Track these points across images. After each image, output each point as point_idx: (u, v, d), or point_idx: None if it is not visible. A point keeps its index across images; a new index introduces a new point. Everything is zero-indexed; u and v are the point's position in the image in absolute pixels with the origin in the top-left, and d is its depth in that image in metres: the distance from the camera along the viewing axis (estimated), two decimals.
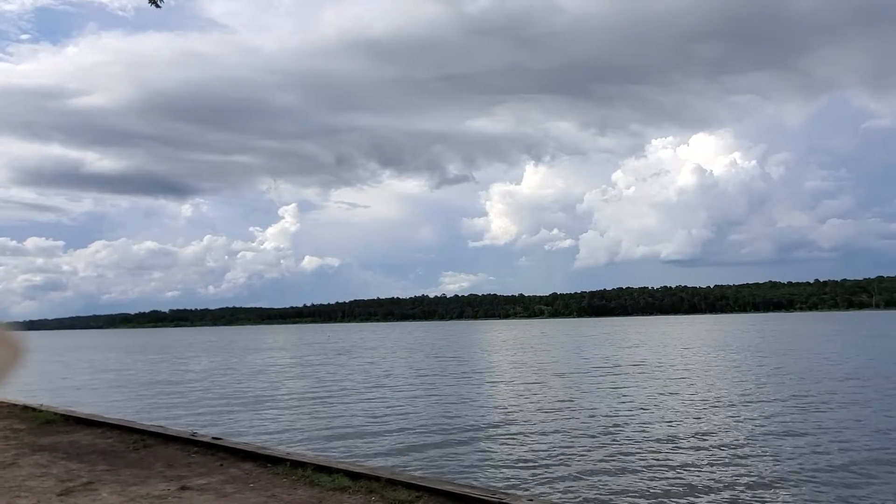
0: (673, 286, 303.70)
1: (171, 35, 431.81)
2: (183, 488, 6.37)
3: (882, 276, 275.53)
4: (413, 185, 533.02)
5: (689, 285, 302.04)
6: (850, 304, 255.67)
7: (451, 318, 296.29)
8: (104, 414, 12.67)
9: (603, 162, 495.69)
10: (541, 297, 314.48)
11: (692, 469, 10.39)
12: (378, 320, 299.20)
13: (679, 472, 10.19)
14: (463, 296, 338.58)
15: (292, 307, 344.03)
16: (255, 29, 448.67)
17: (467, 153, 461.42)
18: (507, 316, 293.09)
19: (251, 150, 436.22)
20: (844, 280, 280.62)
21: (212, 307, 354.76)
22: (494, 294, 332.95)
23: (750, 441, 12.37)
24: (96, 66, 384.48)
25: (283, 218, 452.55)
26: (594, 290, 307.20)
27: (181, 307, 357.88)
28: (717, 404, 17.18)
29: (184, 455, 7.90)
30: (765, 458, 11.03)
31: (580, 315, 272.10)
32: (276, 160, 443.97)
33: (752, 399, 17.98)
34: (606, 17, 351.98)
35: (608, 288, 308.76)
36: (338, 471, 6.77)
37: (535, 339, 66.79)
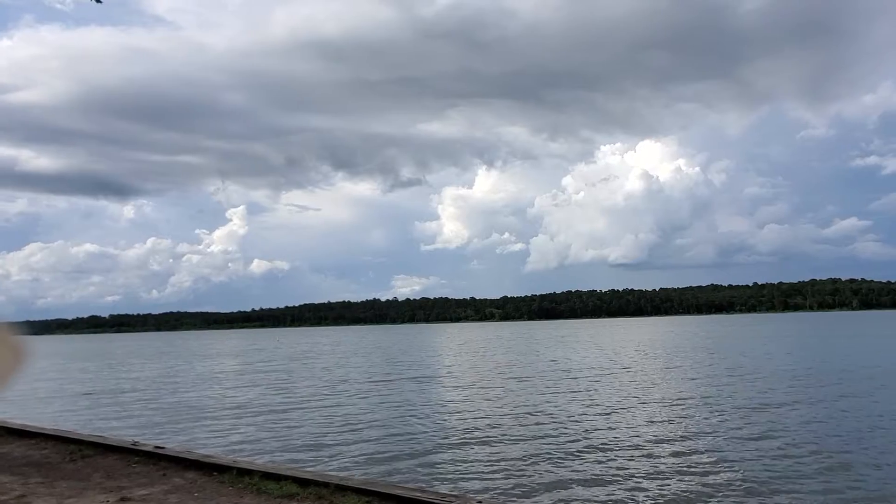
0: (620, 289, 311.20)
1: (113, 30, 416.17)
2: (123, 500, 6.15)
3: (815, 280, 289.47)
4: (365, 188, 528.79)
5: (635, 288, 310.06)
6: (786, 306, 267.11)
7: (403, 322, 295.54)
8: (39, 424, 12.12)
9: (554, 167, 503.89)
10: (492, 301, 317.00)
11: (647, 474, 10.66)
12: (329, 324, 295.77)
13: (635, 479, 10.44)
14: (415, 299, 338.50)
15: (240, 312, 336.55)
16: (202, 26, 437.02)
17: (420, 156, 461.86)
18: (458, 319, 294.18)
19: (198, 151, 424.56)
20: (781, 283, 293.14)
21: (155, 312, 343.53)
22: (446, 297, 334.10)
23: (700, 443, 12.78)
24: (32, 60, 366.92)
25: (231, 220, 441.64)
26: (544, 293, 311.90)
27: (122, 312, 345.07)
28: (668, 407, 17.67)
29: (124, 465, 7.63)
30: (715, 461, 11.41)
31: (530, 318, 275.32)
32: (224, 161, 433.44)
33: (699, 401, 18.57)
34: (558, 23, 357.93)
35: (558, 291, 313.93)
36: (286, 478, 6.67)
37: (486, 342, 67.27)
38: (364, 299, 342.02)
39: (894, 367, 26.63)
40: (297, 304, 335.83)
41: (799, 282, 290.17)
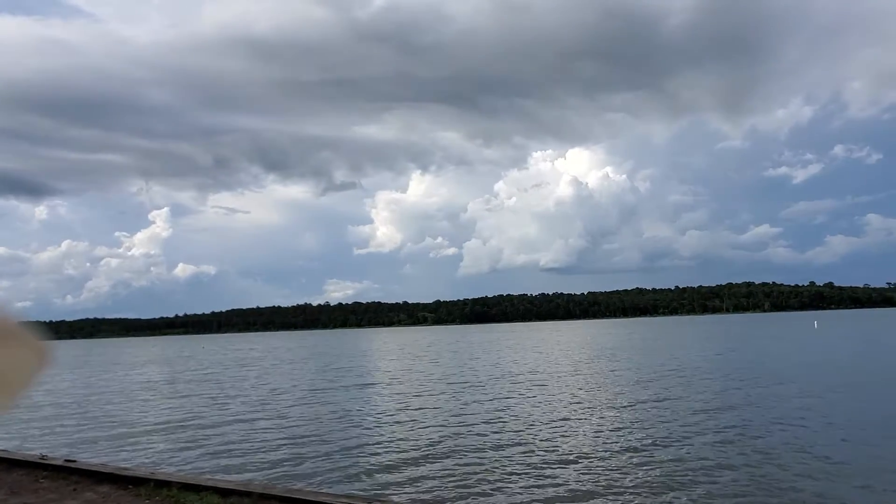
0: (550, 293, 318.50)
1: (27, 20, 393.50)
2: None
3: (731, 283, 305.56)
4: (298, 191, 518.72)
5: (565, 292, 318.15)
6: (705, 309, 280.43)
7: (335, 327, 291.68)
8: None
9: (487, 172, 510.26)
10: (425, 305, 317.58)
11: (573, 478, 10.95)
12: (258, 330, 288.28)
13: (560, 481, 10.70)
14: (347, 304, 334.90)
15: (162, 318, 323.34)
16: (125, 19, 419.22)
17: (355, 160, 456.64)
18: (391, 324, 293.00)
19: (119, 149, 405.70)
20: (700, 286, 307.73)
21: (70, 319, 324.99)
22: (379, 302, 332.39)
23: (627, 446, 13.23)
24: None
25: (153, 223, 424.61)
26: (476, 297, 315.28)
27: (33, 318, 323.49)
28: (594, 409, 18.19)
29: (31, 480, 7.22)
30: (644, 462, 11.85)
31: (463, 322, 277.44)
32: (147, 160, 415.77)
33: (625, 402, 19.22)
34: (493, 30, 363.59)
35: (489, 295, 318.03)
36: (206, 488, 6.50)
37: (420, 346, 67.28)
38: (295, 304, 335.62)
39: (806, 364, 28.45)
40: (224, 310, 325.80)
41: (717, 285, 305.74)
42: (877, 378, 22.62)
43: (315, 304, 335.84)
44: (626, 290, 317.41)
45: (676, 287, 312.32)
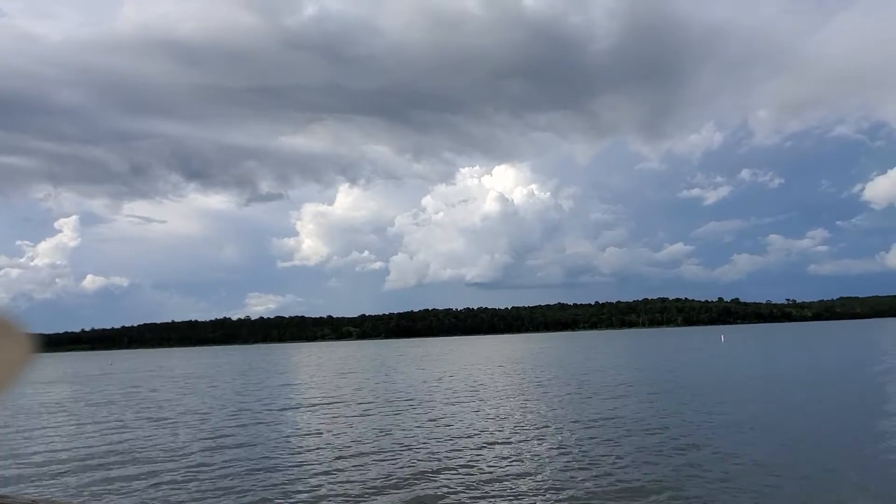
0: (475, 308, 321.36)
1: None
2: None
3: (647, 299, 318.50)
4: (220, 201, 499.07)
5: (489, 307, 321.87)
6: (623, 323, 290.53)
7: (256, 342, 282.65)
8: None
9: (415, 187, 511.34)
10: (350, 319, 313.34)
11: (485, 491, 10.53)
12: (173, 346, 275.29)
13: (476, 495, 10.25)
14: (269, 318, 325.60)
15: (68, 333, 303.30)
16: (36, 15, 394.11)
17: (281, 170, 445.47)
18: (315, 338, 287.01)
19: (25, 152, 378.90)
20: (619, 302, 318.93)
21: None
22: (302, 316, 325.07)
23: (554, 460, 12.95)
24: None
25: (60, 231, 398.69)
26: (402, 311, 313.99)
27: None
28: (520, 426, 17.92)
29: None
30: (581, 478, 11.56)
31: (388, 336, 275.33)
32: (56, 165, 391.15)
33: (553, 417, 19.07)
34: (425, 45, 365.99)
35: (415, 309, 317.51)
36: None
37: (342, 362, 65.77)
38: (213, 318, 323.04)
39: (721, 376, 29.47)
40: (135, 325, 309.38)
41: (634, 301, 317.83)
42: (773, 390, 23.63)
43: (235, 318, 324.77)
44: (548, 305, 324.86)
45: (596, 302, 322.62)
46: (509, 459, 12.75)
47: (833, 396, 21.19)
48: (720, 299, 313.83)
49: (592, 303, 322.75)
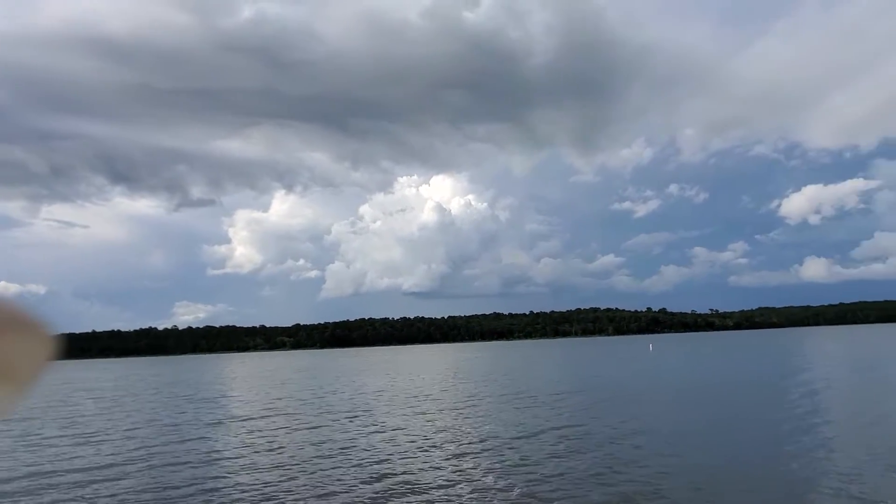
0: (412, 317, 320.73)
1: None
2: None
3: (580, 309, 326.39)
4: (147, 206, 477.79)
5: (426, 316, 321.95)
6: (557, 333, 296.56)
7: (184, 353, 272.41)
8: None
9: (353, 195, 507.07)
10: (283, 329, 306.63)
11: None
12: (94, 357, 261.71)
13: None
14: (198, 328, 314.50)
15: None
16: None
17: (214, 175, 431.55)
18: (246, 349, 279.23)
19: None
20: (553, 311, 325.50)
21: None
22: (234, 326, 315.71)
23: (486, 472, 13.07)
24: None
25: None
26: (338, 321, 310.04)
27: None
28: (451, 435, 17.99)
29: None
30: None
31: (323, 346, 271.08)
32: None
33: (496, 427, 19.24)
34: (365, 53, 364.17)
35: (351, 319, 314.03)
36: None
37: (274, 373, 64.28)
38: (138, 328, 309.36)
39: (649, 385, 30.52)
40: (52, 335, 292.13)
41: (567, 311, 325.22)
42: (695, 396, 24.73)
43: (161, 328, 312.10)
44: (484, 315, 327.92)
45: (531, 312, 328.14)
46: (449, 470, 12.87)
47: (750, 403, 22.38)
48: (649, 309, 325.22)
49: (527, 312, 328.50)
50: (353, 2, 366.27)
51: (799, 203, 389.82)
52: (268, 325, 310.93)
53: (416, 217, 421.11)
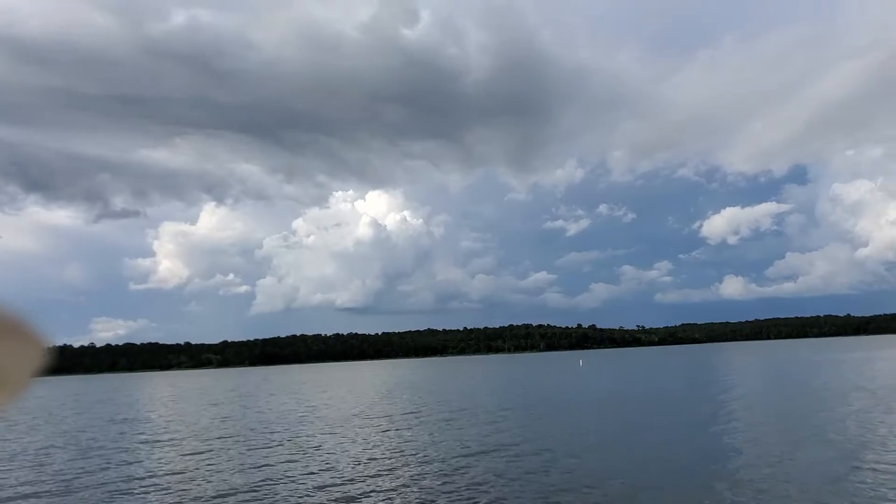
0: (345, 333, 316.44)
1: None
2: None
3: (513, 325, 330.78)
4: (64, 216, 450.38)
5: (360, 332, 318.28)
6: (490, 349, 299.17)
7: (101, 371, 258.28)
8: None
9: (287, 209, 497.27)
10: (210, 346, 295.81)
11: None
12: None
13: None
14: (118, 345, 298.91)
15: None
16: None
17: (138, 186, 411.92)
18: (169, 367, 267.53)
19: None
20: (486, 328, 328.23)
21: None
22: (156, 343, 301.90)
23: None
24: None
25: None
26: (268, 337, 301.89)
27: None
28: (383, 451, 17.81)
29: None
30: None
31: (252, 364, 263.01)
32: None
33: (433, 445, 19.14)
34: (301, 64, 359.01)
35: (282, 335, 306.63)
36: None
37: (199, 392, 61.88)
38: (51, 346, 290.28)
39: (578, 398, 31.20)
40: None
41: (500, 327, 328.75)
42: (624, 409, 25.56)
43: (77, 345, 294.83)
44: (418, 331, 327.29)
45: (465, 328, 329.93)
46: (390, 491, 12.80)
47: (673, 415, 23.34)
48: (579, 325, 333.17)
49: (461, 328, 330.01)
50: (289, 12, 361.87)
51: (719, 224, 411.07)
52: (193, 343, 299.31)
53: (351, 232, 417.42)
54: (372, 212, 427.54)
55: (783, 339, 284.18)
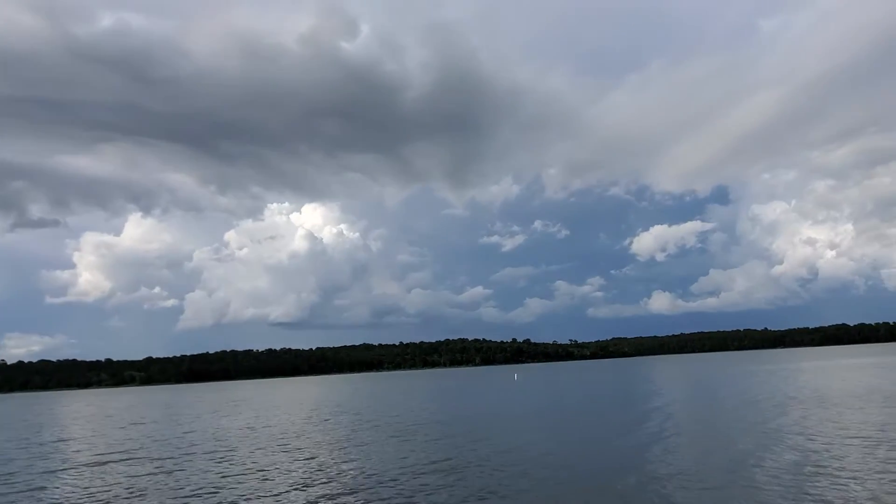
0: (278, 349, 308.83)
1: None
2: None
3: (449, 339, 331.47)
4: None
5: (293, 347, 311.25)
6: (426, 363, 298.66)
7: (12, 390, 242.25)
8: None
9: (219, 221, 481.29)
10: (133, 363, 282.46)
11: None
12: None
13: None
14: (32, 362, 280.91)
15: None
16: None
17: (58, 194, 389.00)
18: (88, 385, 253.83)
19: None
20: (422, 342, 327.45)
21: None
22: (75, 360, 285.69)
23: None
24: None
25: None
26: (196, 353, 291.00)
27: None
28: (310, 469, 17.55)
29: None
30: None
31: (178, 381, 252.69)
32: None
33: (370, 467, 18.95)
34: (237, 75, 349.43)
35: (212, 351, 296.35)
36: None
37: (121, 411, 59.05)
38: None
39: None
40: None
41: (436, 341, 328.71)
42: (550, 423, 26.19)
43: None
44: (353, 346, 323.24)
45: (401, 343, 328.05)
46: None
47: (601, 426, 24.13)
48: (514, 340, 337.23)
49: (397, 343, 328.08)
50: (225, 21, 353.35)
51: (648, 241, 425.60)
52: (115, 359, 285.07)
53: (285, 245, 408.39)
54: (308, 225, 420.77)
55: (707, 353, 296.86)
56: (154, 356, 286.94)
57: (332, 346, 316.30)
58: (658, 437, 20.50)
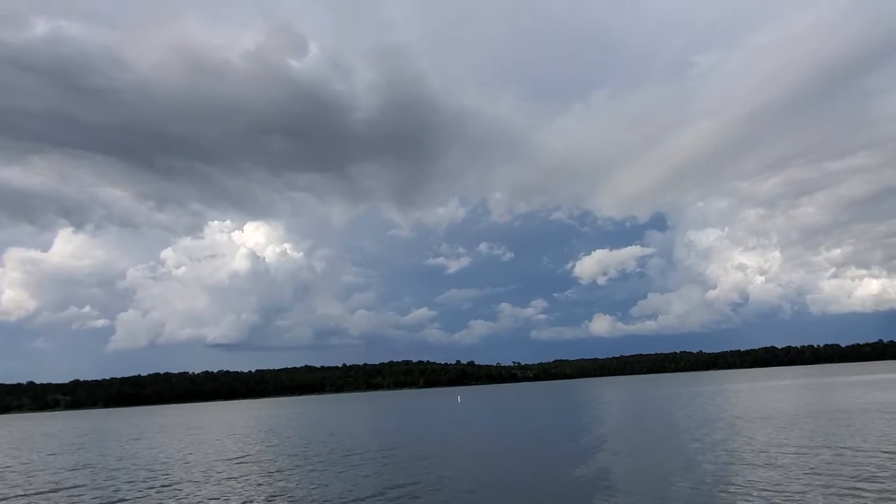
0: (215, 371, 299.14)
1: None
2: None
3: (392, 361, 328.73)
4: None
5: (231, 370, 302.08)
6: (369, 386, 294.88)
7: None
8: None
9: (156, 238, 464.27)
10: (58, 386, 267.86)
11: None
12: None
13: None
14: None
15: None
16: None
17: None
18: (8, 409, 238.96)
19: None
20: (366, 364, 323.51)
21: None
22: None
23: None
24: None
25: None
26: (128, 375, 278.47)
27: None
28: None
29: None
30: None
31: (107, 405, 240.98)
32: None
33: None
34: (179, 88, 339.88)
35: (144, 373, 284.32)
36: None
37: (42, 439, 55.83)
38: None
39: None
40: None
41: (380, 363, 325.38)
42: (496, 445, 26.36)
43: None
44: (295, 368, 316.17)
45: (344, 365, 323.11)
46: None
47: (542, 446, 24.46)
48: (458, 362, 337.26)
49: (340, 365, 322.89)
50: (168, 33, 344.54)
51: (590, 265, 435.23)
52: (38, 382, 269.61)
53: (226, 264, 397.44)
54: (250, 243, 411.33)
55: (645, 374, 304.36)
56: (82, 378, 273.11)
57: (272, 369, 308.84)
58: (590, 455, 20.92)
